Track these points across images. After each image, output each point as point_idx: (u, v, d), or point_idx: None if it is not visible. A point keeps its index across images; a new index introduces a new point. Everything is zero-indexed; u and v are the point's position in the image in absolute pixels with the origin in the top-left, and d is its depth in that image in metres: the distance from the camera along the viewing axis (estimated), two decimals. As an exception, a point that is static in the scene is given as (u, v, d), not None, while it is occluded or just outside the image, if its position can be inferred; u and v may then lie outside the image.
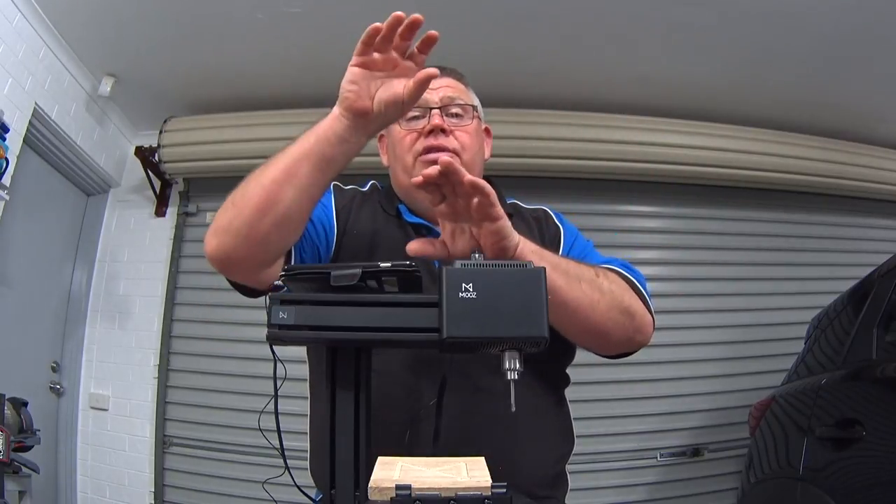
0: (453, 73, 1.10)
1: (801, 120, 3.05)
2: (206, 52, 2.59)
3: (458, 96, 1.05)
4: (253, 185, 0.80)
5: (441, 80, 1.05)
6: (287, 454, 0.80)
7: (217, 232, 0.83)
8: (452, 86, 1.06)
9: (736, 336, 3.03)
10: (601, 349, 0.93)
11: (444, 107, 1.03)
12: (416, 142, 1.01)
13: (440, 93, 1.04)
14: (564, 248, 1.07)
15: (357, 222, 1.03)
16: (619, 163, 2.92)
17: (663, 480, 2.84)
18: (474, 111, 1.06)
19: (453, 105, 1.04)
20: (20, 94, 2.26)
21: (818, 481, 1.69)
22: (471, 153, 1.02)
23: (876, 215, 3.35)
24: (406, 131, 1.03)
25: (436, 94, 1.04)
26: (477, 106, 1.09)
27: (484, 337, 0.65)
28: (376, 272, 0.71)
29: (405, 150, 1.02)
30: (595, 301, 0.83)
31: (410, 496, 0.56)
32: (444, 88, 1.05)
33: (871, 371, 1.72)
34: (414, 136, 1.02)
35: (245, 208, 0.80)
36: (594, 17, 2.35)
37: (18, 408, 1.97)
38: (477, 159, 1.05)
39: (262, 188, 0.79)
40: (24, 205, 2.49)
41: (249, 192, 0.80)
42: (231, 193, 0.84)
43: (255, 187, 0.80)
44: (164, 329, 2.97)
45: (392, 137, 1.07)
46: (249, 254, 0.83)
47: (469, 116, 1.04)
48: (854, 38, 2.40)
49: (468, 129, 1.04)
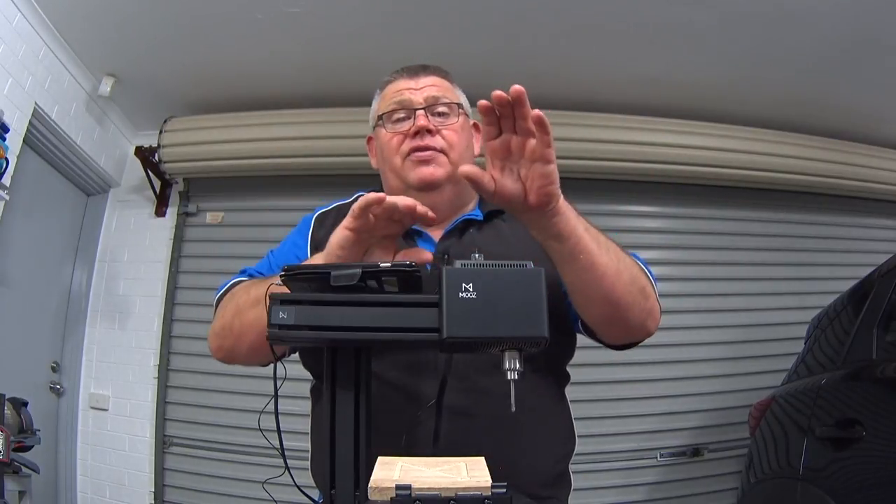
0: (437, 70, 1.09)
1: (801, 120, 3.05)
2: (206, 52, 2.59)
3: (443, 94, 1.04)
4: (244, 319, 0.86)
5: (424, 79, 1.05)
6: (287, 454, 0.80)
7: (216, 336, 0.94)
8: (436, 84, 1.05)
9: (736, 336, 3.02)
10: (614, 328, 0.91)
11: (428, 107, 1.02)
12: (402, 143, 1.01)
13: (424, 92, 1.03)
14: None
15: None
16: (619, 163, 2.92)
17: (663, 480, 2.84)
18: (459, 109, 1.05)
19: (438, 104, 1.03)
20: (20, 94, 2.26)
21: (818, 481, 1.69)
22: (458, 151, 1.02)
23: (876, 215, 3.35)
24: (392, 133, 1.02)
25: (419, 94, 1.03)
26: (462, 103, 1.08)
27: (484, 337, 0.65)
28: (376, 272, 0.71)
29: (393, 152, 1.02)
30: (620, 272, 0.83)
31: (410, 496, 0.56)
32: (427, 88, 1.04)
33: (871, 371, 1.72)
34: (400, 137, 1.01)
35: (239, 342, 0.89)
36: (594, 17, 2.36)
37: (18, 408, 1.97)
38: (465, 156, 1.04)
39: (252, 327, 0.84)
40: (24, 205, 2.49)
41: (243, 327, 0.87)
42: (222, 307, 0.95)
43: (246, 323, 0.86)
44: (164, 329, 2.97)
45: (379, 140, 1.06)
46: (250, 361, 0.93)
47: (455, 114, 1.04)
48: (854, 38, 2.40)
49: (454, 128, 1.03)
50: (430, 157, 1.00)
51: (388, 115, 1.03)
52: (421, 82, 1.05)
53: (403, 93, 1.03)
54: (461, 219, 1.04)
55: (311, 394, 1.05)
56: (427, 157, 0.99)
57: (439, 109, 1.03)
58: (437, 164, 1.00)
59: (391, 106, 1.03)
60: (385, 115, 1.04)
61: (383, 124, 1.04)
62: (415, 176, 0.99)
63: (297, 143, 2.83)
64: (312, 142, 2.81)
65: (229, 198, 3.11)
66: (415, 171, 0.99)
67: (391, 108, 1.03)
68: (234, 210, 3.10)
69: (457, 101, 1.06)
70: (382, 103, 1.06)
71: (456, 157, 1.01)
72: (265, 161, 2.89)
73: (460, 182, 1.01)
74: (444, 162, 1.00)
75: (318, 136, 2.81)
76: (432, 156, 1.00)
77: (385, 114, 1.04)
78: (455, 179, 1.01)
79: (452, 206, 1.05)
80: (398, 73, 1.08)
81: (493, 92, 0.70)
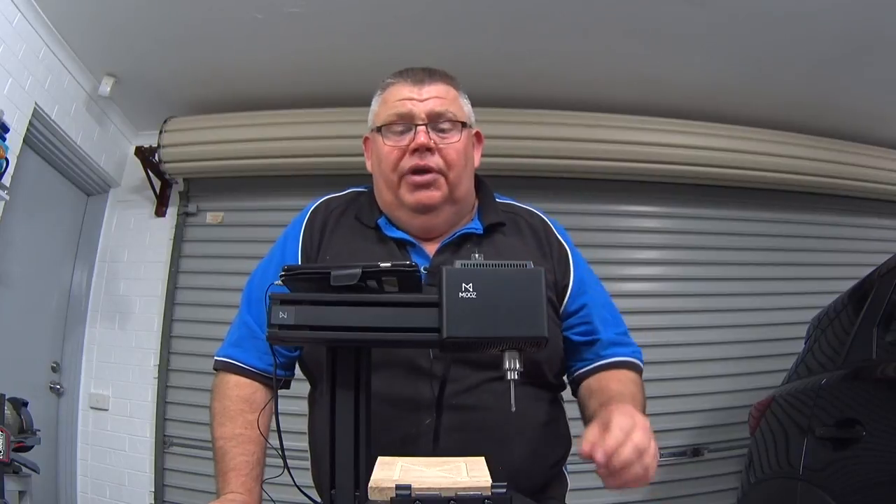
0: (443, 77, 1.02)
1: (801, 120, 3.05)
2: (206, 52, 2.59)
3: (447, 109, 0.99)
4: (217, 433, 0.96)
5: (429, 88, 0.99)
6: (287, 454, 0.80)
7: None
8: (440, 95, 0.99)
9: (736, 336, 3.02)
10: None
11: (430, 122, 0.97)
12: (401, 159, 0.97)
13: (427, 105, 0.98)
14: (575, 274, 1.03)
15: (331, 247, 1.00)
16: (619, 163, 2.91)
17: (663, 480, 2.84)
18: (463, 127, 1.00)
19: (440, 121, 0.98)
20: (20, 94, 2.26)
21: (818, 481, 1.69)
22: (457, 170, 0.98)
23: (876, 215, 3.35)
24: (391, 146, 0.98)
25: (422, 106, 0.97)
26: (467, 119, 1.02)
27: (484, 337, 0.66)
28: (376, 272, 0.71)
29: (390, 167, 0.98)
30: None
31: (410, 496, 0.56)
32: (431, 101, 0.98)
33: (871, 371, 1.71)
34: (399, 152, 0.97)
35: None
36: (594, 17, 2.35)
37: (18, 408, 1.97)
38: (464, 175, 1.00)
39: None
40: (24, 205, 2.49)
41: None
42: (211, 401, 1.00)
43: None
44: (164, 329, 2.97)
45: (377, 149, 1.02)
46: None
47: (457, 130, 0.99)
48: (854, 38, 2.40)
49: (456, 147, 0.98)
50: (428, 182, 0.96)
51: (387, 126, 0.99)
52: (425, 92, 0.99)
53: (406, 103, 0.98)
54: (458, 233, 1.01)
55: (309, 401, 1.04)
56: (425, 182, 0.96)
57: (441, 126, 0.98)
58: (435, 186, 0.97)
59: (391, 117, 0.98)
60: (384, 126, 0.99)
61: (382, 134, 0.99)
62: (412, 199, 0.97)
63: (297, 143, 2.83)
64: (312, 142, 2.81)
65: (229, 198, 3.11)
66: (412, 194, 0.97)
67: (391, 119, 0.98)
68: (234, 210, 3.10)
69: (461, 119, 1.00)
70: (383, 109, 1.01)
71: (455, 177, 0.98)
72: (265, 161, 2.89)
73: (459, 201, 1.00)
74: (442, 184, 0.97)
75: (318, 136, 2.81)
76: (431, 179, 0.96)
77: (384, 125, 0.99)
78: (453, 199, 0.99)
79: (450, 224, 1.02)
80: (402, 77, 1.02)
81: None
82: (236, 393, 0.97)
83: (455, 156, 0.98)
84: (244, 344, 1.00)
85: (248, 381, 0.98)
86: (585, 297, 1.02)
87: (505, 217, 1.04)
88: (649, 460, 0.72)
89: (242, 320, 1.02)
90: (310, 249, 1.01)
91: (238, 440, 0.93)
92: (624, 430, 0.71)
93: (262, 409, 0.95)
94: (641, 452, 0.71)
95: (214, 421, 0.97)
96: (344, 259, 0.97)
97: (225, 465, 0.92)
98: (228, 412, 0.96)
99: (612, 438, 0.70)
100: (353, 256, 0.96)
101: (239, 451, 0.92)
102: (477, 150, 1.08)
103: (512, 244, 1.01)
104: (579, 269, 1.03)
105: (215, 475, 0.94)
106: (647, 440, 0.72)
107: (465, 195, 1.03)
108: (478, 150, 1.08)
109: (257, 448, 0.94)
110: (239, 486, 0.90)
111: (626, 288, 2.96)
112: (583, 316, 1.01)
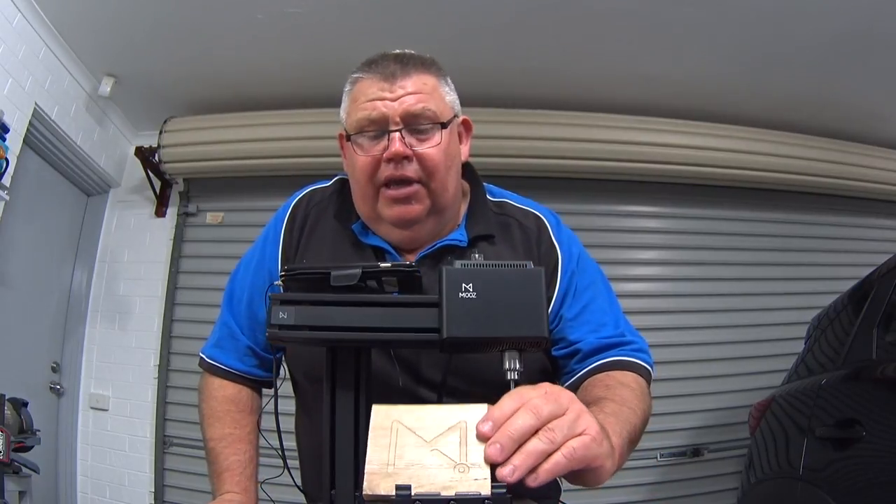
0: (419, 66, 0.89)
1: (801, 120, 3.05)
2: (206, 52, 2.59)
3: (424, 107, 0.86)
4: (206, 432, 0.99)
5: (403, 83, 0.86)
6: (287, 454, 0.80)
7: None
8: (417, 90, 0.87)
9: (736, 336, 3.02)
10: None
11: (406, 125, 0.86)
12: (376, 169, 0.87)
13: (401, 105, 0.86)
14: (561, 283, 0.92)
15: (308, 248, 0.96)
16: (619, 163, 2.92)
17: (663, 480, 2.84)
18: (442, 127, 0.88)
19: (417, 122, 0.86)
20: (20, 94, 2.26)
21: (818, 481, 1.69)
22: (440, 176, 0.88)
23: (876, 215, 3.35)
24: (363, 157, 0.87)
25: (396, 106, 0.86)
26: (450, 113, 0.91)
27: (484, 337, 0.65)
28: (376, 272, 0.71)
29: (365, 177, 0.88)
30: (640, 431, 0.77)
31: (410, 496, 0.56)
32: (405, 98, 0.86)
33: (871, 371, 1.71)
34: (373, 161, 0.87)
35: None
36: (594, 17, 2.35)
37: (18, 408, 1.97)
38: (449, 178, 0.90)
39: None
40: (24, 205, 2.49)
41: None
42: (199, 401, 1.01)
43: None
44: (164, 329, 2.97)
45: (350, 155, 0.92)
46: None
47: (438, 129, 0.87)
48: (854, 37, 2.40)
49: (438, 149, 0.87)
50: (408, 195, 0.87)
51: (358, 133, 0.89)
52: (398, 87, 0.86)
53: (377, 105, 0.86)
54: (439, 244, 0.92)
55: (296, 402, 1.01)
56: (404, 195, 0.87)
57: (419, 127, 0.87)
58: (416, 199, 0.87)
59: (361, 123, 0.87)
60: (354, 135, 0.89)
61: (353, 142, 0.89)
62: (391, 214, 0.88)
63: (297, 144, 2.83)
64: (312, 142, 2.81)
65: (229, 198, 3.11)
66: (391, 209, 0.88)
67: (362, 124, 0.87)
68: (234, 210, 3.10)
69: (441, 120, 0.88)
70: (353, 109, 0.90)
71: (438, 184, 0.88)
72: (265, 161, 2.89)
73: (444, 209, 0.92)
74: (423, 196, 0.88)
75: (318, 136, 2.80)
76: (411, 192, 0.87)
77: (355, 134, 0.89)
78: (437, 208, 0.90)
79: (433, 235, 0.93)
80: (371, 70, 0.89)
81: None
82: (221, 393, 0.98)
83: (436, 160, 0.87)
84: (224, 344, 1.00)
85: (230, 382, 0.99)
86: (565, 310, 0.92)
87: (495, 223, 0.95)
88: (570, 432, 0.55)
89: (223, 320, 1.01)
90: (289, 250, 0.98)
91: (228, 440, 0.94)
92: (518, 397, 0.57)
93: (256, 410, 0.96)
94: (544, 419, 0.55)
95: (204, 423, 0.98)
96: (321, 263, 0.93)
97: (219, 466, 0.92)
98: (216, 413, 0.97)
99: (498, 408, 0.57)
100: (330, 261, 0.92)
101: (230, 451, 0.93)
102: (465, 142, 0.97)
103: (500, 254, 0.92)
104: (565, 278, 0.93)
105: (210, 476, 0.93)
106: (554, 405, 0.56)
107: (452, 200, 0.93)
108: (466, 140, 0.97)
109: (248, 446, 0.94)
110: (234, 485, 0.89)
111: (625, 288, 2.96)
112: (558, 331, 0.91)
